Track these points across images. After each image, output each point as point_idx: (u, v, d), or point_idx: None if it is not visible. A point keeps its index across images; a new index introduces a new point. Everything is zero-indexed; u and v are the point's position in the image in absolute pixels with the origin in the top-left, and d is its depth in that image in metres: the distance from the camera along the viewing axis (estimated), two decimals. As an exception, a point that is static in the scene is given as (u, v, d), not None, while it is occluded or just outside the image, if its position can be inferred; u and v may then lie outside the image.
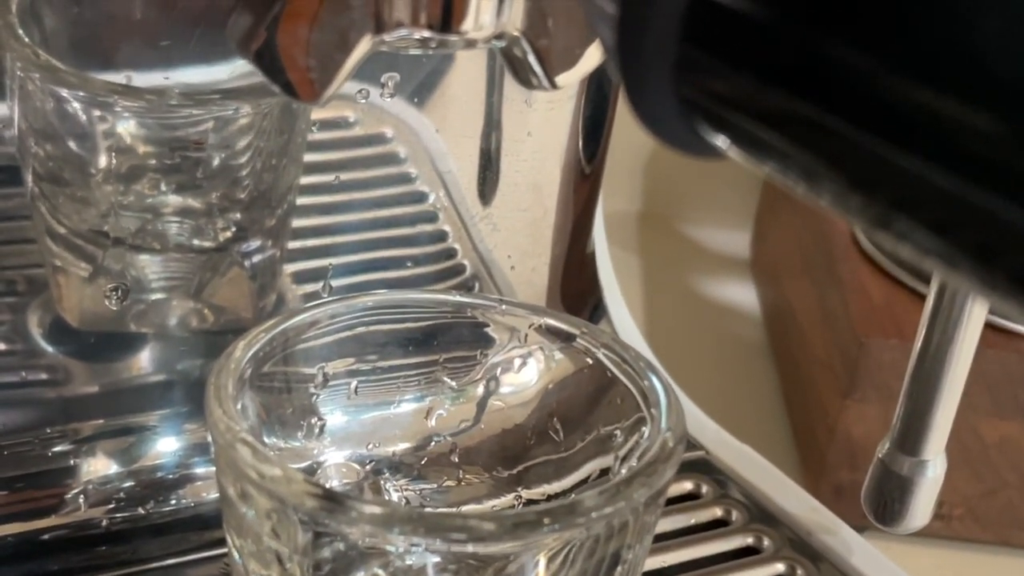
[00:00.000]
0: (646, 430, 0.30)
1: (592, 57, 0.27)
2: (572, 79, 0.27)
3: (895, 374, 0.53)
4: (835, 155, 0.17)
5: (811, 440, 0.58)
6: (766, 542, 0.42)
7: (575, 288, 0.48)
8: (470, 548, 0.27)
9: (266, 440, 0.32)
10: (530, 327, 0.34)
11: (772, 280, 0.72)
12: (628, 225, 0.81)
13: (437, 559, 0.29)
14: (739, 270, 0.78)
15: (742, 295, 0.75)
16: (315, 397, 0.33)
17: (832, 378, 0.56)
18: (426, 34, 0.25)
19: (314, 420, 0.34)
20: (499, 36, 0.26)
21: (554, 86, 0.27)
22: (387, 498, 0.35)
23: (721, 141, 0.19)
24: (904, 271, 0.57)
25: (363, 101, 0.39)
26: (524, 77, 0.27)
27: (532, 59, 0.27)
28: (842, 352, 0.55)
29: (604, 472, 0.32)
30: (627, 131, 0.47)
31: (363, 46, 0.25)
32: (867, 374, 0.53)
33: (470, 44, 0.26)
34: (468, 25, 0.25)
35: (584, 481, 0.33)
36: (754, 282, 0.76)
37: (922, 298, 0.55)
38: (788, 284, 0.68)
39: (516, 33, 0.26)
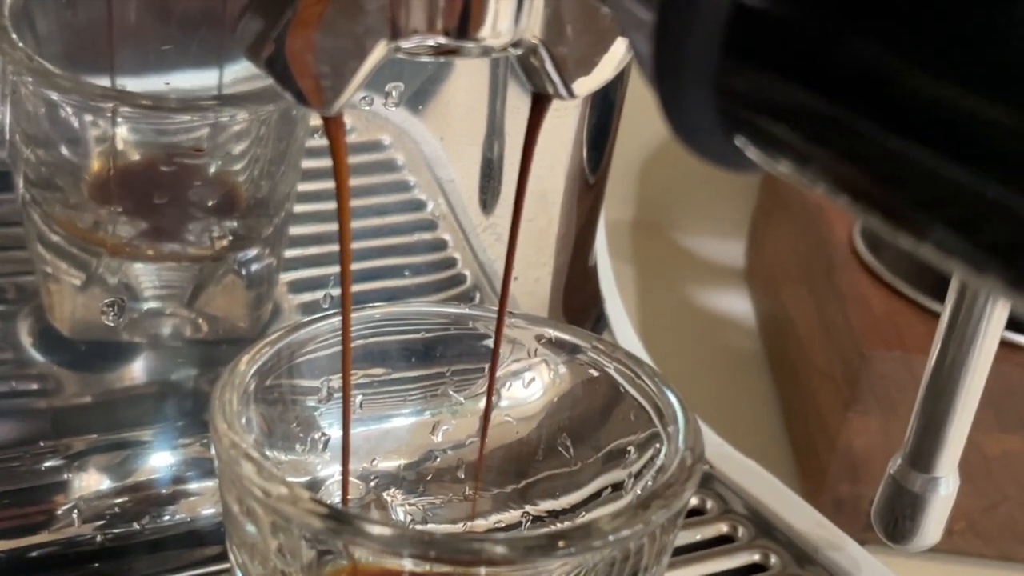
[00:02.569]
0: (661, 447, 0.30)
1: (610, 65, 0.26)
2: (590, 87, 0.26)
3: (897, 386, 0.52)
4: (881, 165, 0.17)
5: (811, 453, 0.58)
6: (773, 559, 0.41)
7: (577, 300, 0.47)
8: (482, 572, 0.26)
9: (269, 454, 0.31)
10: (539, 340, 0.33)
11: (768, 290, 0.72)
12: (622, 233, 0.80)
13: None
14: (734, 279, 0.77)
15: (737, 305, 0.75)
16: (319, 411, 0.33)
17: (833, 390, 0.55)
18: (442, 40, 0.24)
19: (318, 435, 0.33)
20: (516, 44, 0.25)
21: (572, 94, 0.26)
22: (391, 515, 0.34)
23: (760, 154, 0.18)
24: (904, 282, 0.56)
25: (368, 108, 0.39)
26: (540, 85, 0.27)
27: (550, 67, 0.26)
28: (843, 364, 0.55)
29: (615, 488, 0.32)
30: (621, 140, 0.47)
31: (378, 52, 0.24)
32: (869, 386, 0.52)
33: (487, 51, 0.25)
34: (485, 32, 0.24)
35: (594, 497, 0.32)
36: (749, 292, 0.76)
37: (923, 309, 0.55)
38: (785, 294, 0.68)
39: (535, 40, 0.25)
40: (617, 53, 0.26)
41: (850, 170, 0.17)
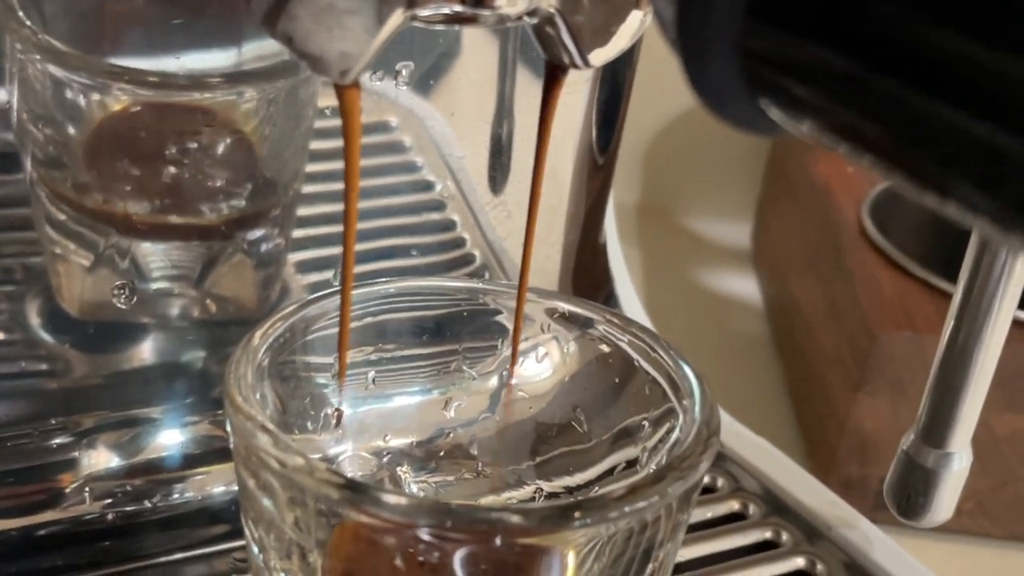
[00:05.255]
0: (677, 421, 0.29)
1: (626, 34, 0.26)
2: (606, 56, 0.26)
3: (907, 367, 0.52)
4: (908, 124, 0.16)
5: (819, 434, 0.58)
6: (784, 536, 0.41)
7: (587, 278, 0.47)
8: (497, 542, 0.26)
9: (282, 431, 0.31)
10: (552, 315, 0.33)
11: (775, 272, 0.72)
12: (628, 218, 0.80)
13: (462, 552, 0.28)
14: (740, 262, 0.77)
15: (743, 287, 0.75)
16: (331, 387, 0.33)
17: (842, 372, 0.55)
18: (458, 8, 0.24)
19: (331, 411, 0.33)
20: (532, 12, 0.25)
21: (588, 64, 0.26)
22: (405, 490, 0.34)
23: (784, 116, 0.18)
24: (914, 262, 0.56)
25: (378, 83, 0.39)
26: (556, 55, 0.27)
27: (566, 36, 0.26)
28: (852, 345, 0.55)
29: (630, 464, 0.31)
30: (627, 124, 0.47)
31: (395, 20, 0.24)
32: (879, 367, 0.52)
33: (502, 20, 0.25)
34: (502, 0, 0.24)
35: (608, 473, 0.32)
36: (756, 274, 0.75)
37: (933, 289, 0.55)
38: (792, 276, 0.68)
39: (551, 9, 0.25)
40: (633, 22, 0.26)
41: (876, 129, 0.17)
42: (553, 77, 0.28)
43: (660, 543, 0.28)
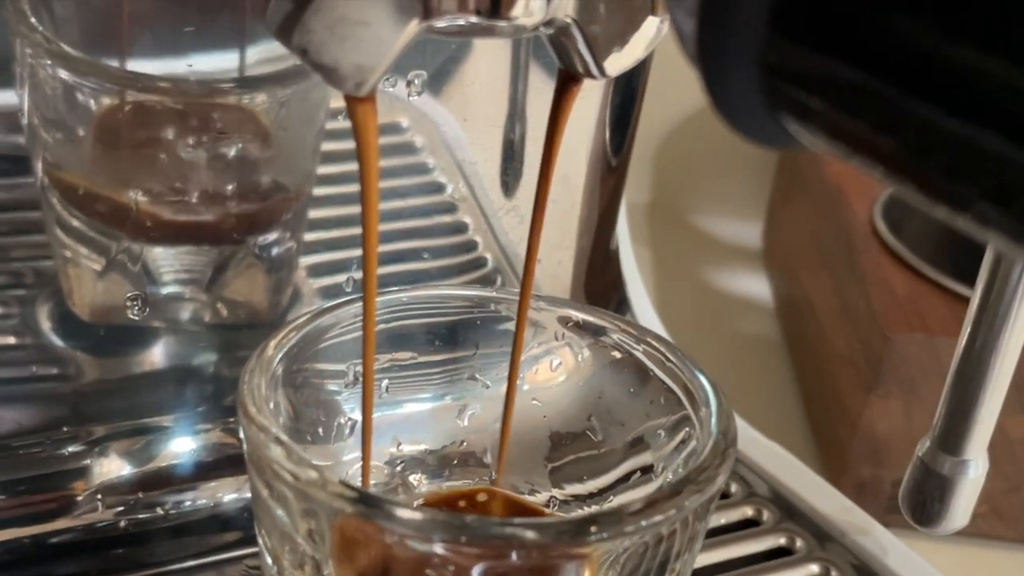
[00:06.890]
0: (692, 431, 0.29)
1: (642, 43, 0.26)
2: (622, 65, 0.26)
3: (919, 369, 0.52)
4: (927, 138, 0.16)
5: (832, 436, 0.57)
6: (799, 543, 0.41)
7: (599, 283, 0.47)
8: (512, 557, 0.26)
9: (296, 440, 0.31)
10: (566, 323, 0.33)
11: (786, 272, 0.71)
12: (639, 217, 0.80)
13: (477, 566, 0.28)
14: (751, 262, 0.77)
15: (754, 287, 0.74)
16: (345, 395, 0.32)
17: (854, 373, 0.55)
18: (474, 19, 0.24)
19: (343, 419, 0.33)
20: (548, 23, 0.25)
21: (604, 74, 0.26)
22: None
23: (804, 131, 0.18)
24: (927, 263, 0.56)
25: (391, 89, 0.38)
26: (571, 64, 0.26)
27: (582, 46, 0.26)
28: (865, 347, 0.54)
29: (644, 472, 0.31)
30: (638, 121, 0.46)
31: (410, 31, 0.23)
32: (891, 369, 0.52)
33: (519, 31, 0.25)
34: (518, 11, 0.24)
35: (623, 480, 0.32)
36: (767, 274, 0.75)
37: (945, 291, 0.55)
38: (804, 276, 0.67)
39: (567, 19, 0.25)
40: (649, 30, 0.26)
41: (895, 143, 0.17)
42: (566, 88, 0.28)
43: (677, 555, 0.28)
